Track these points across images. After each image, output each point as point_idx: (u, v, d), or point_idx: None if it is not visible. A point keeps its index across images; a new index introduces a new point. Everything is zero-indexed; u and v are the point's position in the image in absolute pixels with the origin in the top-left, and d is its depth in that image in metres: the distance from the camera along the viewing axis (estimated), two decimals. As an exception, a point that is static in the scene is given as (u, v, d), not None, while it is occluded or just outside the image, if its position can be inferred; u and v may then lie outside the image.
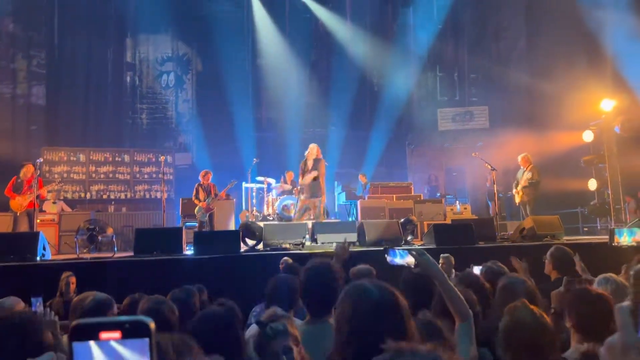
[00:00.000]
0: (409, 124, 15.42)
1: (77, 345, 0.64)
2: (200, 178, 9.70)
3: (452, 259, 5.47)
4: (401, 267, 2.42)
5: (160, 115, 14.94)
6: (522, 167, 9.80)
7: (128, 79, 14.88)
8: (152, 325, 0.66)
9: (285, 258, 5.15)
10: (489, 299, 2.87)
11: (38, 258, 6.17)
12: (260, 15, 14.77)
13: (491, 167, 9.37)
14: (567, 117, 11.80)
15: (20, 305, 3.20)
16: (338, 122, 14.97)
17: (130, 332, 0.66)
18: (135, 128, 14.75)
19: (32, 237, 6.51)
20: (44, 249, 6.43)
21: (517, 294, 2.57)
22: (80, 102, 13.99)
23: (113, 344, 0.65)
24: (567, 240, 7.28)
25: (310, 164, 8.95)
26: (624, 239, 3.28)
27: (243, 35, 14.90)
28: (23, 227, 8.55)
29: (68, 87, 13.89)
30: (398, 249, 2.45)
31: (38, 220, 8.92)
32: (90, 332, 0.65)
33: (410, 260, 2.31)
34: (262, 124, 14.88)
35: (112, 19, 14.46)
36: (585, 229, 11.71)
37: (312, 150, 9.07)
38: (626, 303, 0.64)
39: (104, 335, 0.65)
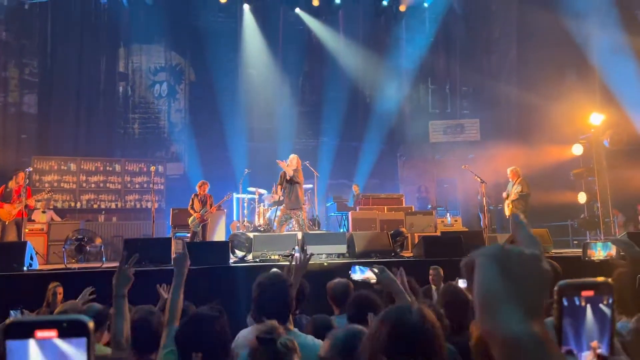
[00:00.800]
0: (400, 135, 15.51)
1: (11, 343, 0.63)
2: (197, 188, 9.68)
3: (441, 270, 5.49)
4: (363, 282, 2.46)
5: (153, 125, 14.92)
6: (511, 180, 9.88)
7: (121, 88, 14.87)
8: (91, 324, 0.65)
9: (274, 269, 5.13)
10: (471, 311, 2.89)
11: (25, 268, 6.12)
12: (253, 26, 14.86)
13: (480, 179, 9.44)
14: (557, 131, 11.94)
15: None
16: (330, 133, 15.04)
17: (68, 331, 0.65)
18: (127, 138, 14.71)
19: (19, 247, 6.46)
20: (31, 258, 6.38)
21: None
22: (72, 111, 13.95)
23: (49, 342, 0.64)
24: (554, 253, 7.32)
25: (290, 173, 8.89)
26: (599, 253, 3.30)
27: (236, 46, 14.97)
28: (11, 237, 8.48)
29: (60, 96, 13.86)
30: (359, 266, 2.51)
31: (27, 230, 8.86)
32: (26, 331, 0.64)
33: (370, 276, 2.35)
34: (254, 134, 14.90)
35: (106, 29, 14.49)
36: (575, 242, 11.78)
37: (292, 160, 9.02)
38: (550, 318, 0.65)
39: (39, 333, 0.64)
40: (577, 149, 11.68)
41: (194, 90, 15.17)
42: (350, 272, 2.56)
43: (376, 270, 2.33)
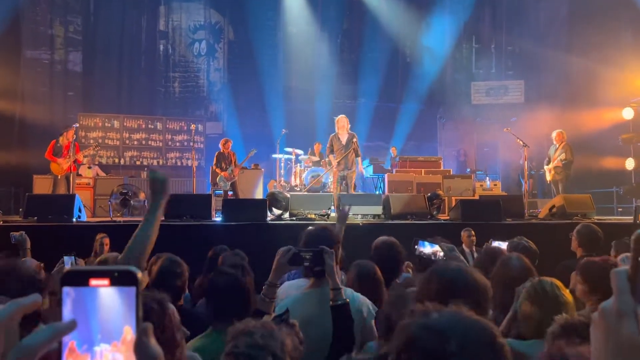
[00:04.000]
0: (441, 97, 15.12)
1: (67, 289, 0.69)
2: (220, 146, 9.77)
3: (473, 232, 5.47)
4: (429, 257, 2.48)
5: (192, 83, 15.09)
6: (554, 144, 9.55)
7: (161, 47, 15.02)
8: (139, 275, 0.70)
9: (310, 228, 5.21)
10: None
11: (74, 219, 6.43)
12: (293, -17, 14.57)
13: (523, 143, 9.16)
14: (607, 93, 11.39)
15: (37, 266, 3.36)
16: (368, 93, 14.81)
17: (119, 280, 0.70)
18: (168, 96, 14.96)
19: (68, 199, 6.78)
20: (80, 211, 6.69)
21: (512, 269, 2.59)
22: (115, 69, 14.24)
23: (101, 290, 0.70)
24: (597, 219, 7.13)
25: (344, 138, 8.56)
26: (654, 216, 3.19)
27: (275, 4, 14.76)
28: (62, 190, 8.87)
29: (103, 54, 14.14)
30: (428, 241, 2.52)
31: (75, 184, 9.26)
32: (81, 279, 0.70)
33: (438, 251, 2.37)
34: (292, 95, 14.85)
35: (147, -15, 14.55)
36: (620, 209, 11.40)
37: (344, 123, 8.64)
38: (624, 267, 0.63)
39: (93, 282, 0.69)
40: (628, 113, 11.14)
41: (233, 49, 15.17)
42: (417, 246, 2.59)
43: (446, 249, 2.35)
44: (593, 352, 0.70)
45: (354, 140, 8.55)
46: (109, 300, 0.69)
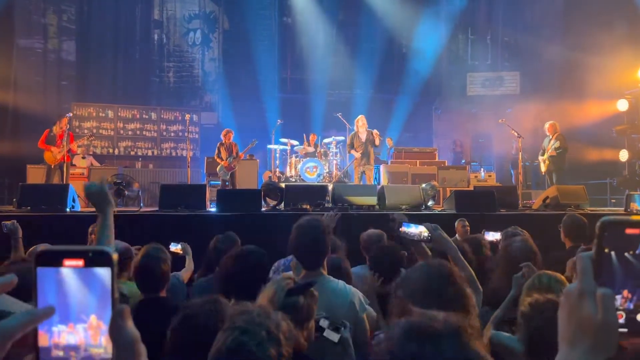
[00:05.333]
0: (436, 88, 15.11)
1: (41, 270, 0.68)
2: (222, 137, 9.79)
3: (467, 222, 5.48)
4: (413, 240, 2.46)
5: (187, 73, 14.99)
6: (548, 135, 9.58)
7: (155, 36, 14.89)
8: (115, 256, 0.69)
9: (300, 222, 5.20)
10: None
11: (68, 209, 6.41)
12: (288, -28, 14.45)
13: (517, 134, 9.19)
14: (602, 85, 11.40)
15: None
16: (364, 84, 14.76)
17: (93, 261, 0.68)
18: (162, 86, 14.86)
19: (62, 189, 6.75)
20: (74, 200, 6.66)
21: (515, 250, 2.59)
22: (109, 59, 14.11)
23: (75, 271, 0.68)
24: (590, 210, 7.17)
25: (363, 136, 9.40)
26: (644, 205, 3.20)
27: (270, -7, 14.67)
28: (55, 180, 8.83)
29: (97, 44, 14.00)
30: (413, 223, 2.50)
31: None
32: (54, 259, 0.68)
33: (422, 230, 2.35)
34: (287, 85, 14.80)
35: (141, -26, 14.39)
36: (613, 200, 11.47)
37: (364, 122, 9.52)
38: (590, 252, 0.66)
39: (67, 262, 0.68)
40: (622, 105, 11.16)
41: (228, 39, 15.06)
42: (402, 226, 2.58)
43: (430, 227, 2.34)
44: (559, 331, 0.72)
45: (374, 132, 9.39)
46: (84, 281, 0.68)
